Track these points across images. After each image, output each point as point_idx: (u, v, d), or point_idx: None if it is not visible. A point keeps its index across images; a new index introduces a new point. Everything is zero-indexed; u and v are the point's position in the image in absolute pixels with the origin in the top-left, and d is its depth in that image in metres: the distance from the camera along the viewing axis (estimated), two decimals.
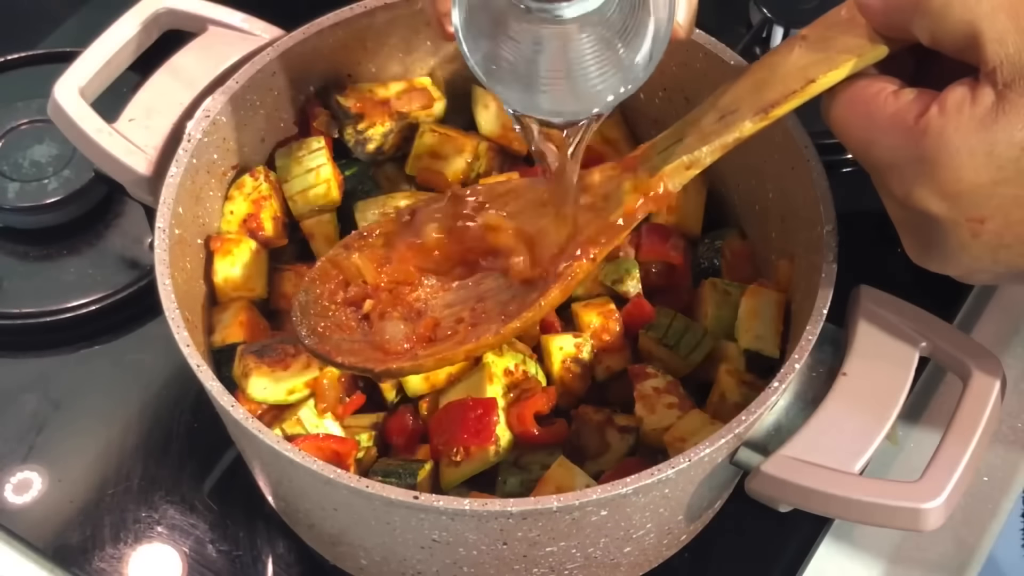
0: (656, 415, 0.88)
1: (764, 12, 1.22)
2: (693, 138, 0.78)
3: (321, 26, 0.96)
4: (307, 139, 0.98)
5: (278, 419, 0.87)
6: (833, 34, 0.74)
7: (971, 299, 1.11)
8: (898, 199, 0.71)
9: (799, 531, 0.96)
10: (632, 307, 0.94)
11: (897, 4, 0.70)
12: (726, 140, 0.77)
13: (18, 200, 1.10)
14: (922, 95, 0.69)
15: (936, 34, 0.68)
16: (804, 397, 0.82)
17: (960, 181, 0.67)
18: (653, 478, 0.74)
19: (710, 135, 0.78)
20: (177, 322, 0.81)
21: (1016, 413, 1.05)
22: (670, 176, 0.79)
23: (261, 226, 0.96)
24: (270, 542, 0.96)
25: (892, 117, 0.70)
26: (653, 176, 0.79)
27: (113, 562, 0.95)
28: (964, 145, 0.66)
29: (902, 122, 0.69)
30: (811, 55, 0.75)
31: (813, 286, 0.82)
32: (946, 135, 0.67)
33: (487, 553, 0.79)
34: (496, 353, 0.89)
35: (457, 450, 0.86)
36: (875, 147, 0.71)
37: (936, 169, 0.68)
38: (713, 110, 0.78)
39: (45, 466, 1.00)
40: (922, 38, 0.70)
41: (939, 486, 0.77)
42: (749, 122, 0.76)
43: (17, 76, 1.20)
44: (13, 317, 1.06)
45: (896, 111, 0.70)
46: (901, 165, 0.70)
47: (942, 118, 0.67)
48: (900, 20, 0.70)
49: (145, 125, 0.92)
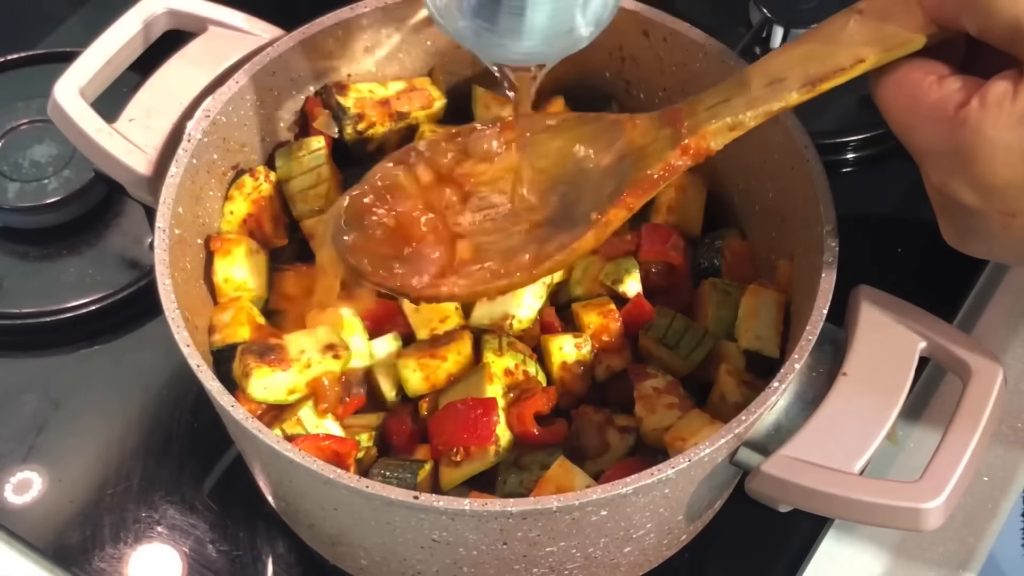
0: (656, 415, 0.88)
1: (764, 12, 1.22)
2: (739, 100, 0.78)
3: (321, 26, 0.96)
4: (307, 139, 0.98)
5: (278, 419, 0.87)
6: (888, 13, 0.74)
7: (971, 299, 1.11)
8: (935, 185, 0.72)
9: (799, 531, 0.96)
10: (632, 307, 0.94)
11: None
12: (771, 108, 0.77)
13: (18, 200, 1.10)
14: (967, 85, 0.70)
15: (984, 26, 0.69)
16: (804, 397, 0.82)
17: (994, 176, 0.68)
18: (653, 478, 0.74)
19: (756, 100, 0.77)
20: (177, 322, 0.81)
21: (1016, 413, 1.05)
22: (713, 135, 0.79)
23: (261, 226, 0.96)
24: (270, 542, 0.96)
25: (934, 105, 0.70)
26: (695, 133, 0.79)
27: (113, 562, 0.95)
28: (1000, 140, 0.67)
29: (943, 111, 0.70)
30: (864, 32, 0.74)
31: (813, 286, 0.82)
32: (983, 129, 0.67)
33: (487, 553, 0.79)
34: (496, 353, 0.89)
35: (457, 450, 0.86)
36: (916, 133, 0.72)
37: (971, 162, 0.68)
38: (762, 74, 0.78)
39: (45, 466, 1.00)
40: (971, 29, 0.70)
41: (939, 486, 0.77)
42: (796, 93, 0.76)
43: (17, 76, 1.20)
44: (13, 317, 1.06)
45: (939, 99, 0.70)
46: (939, 153, 0.70)
47: (982, 111, 0.67)
48: (951, 11, 0.71)
49: (145, 125, 0.92)
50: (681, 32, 0.95)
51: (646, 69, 1.00)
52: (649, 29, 0.97)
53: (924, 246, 1.12)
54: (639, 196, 0.81)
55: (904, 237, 1.13)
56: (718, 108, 0.79)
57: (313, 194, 0.97)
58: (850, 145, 1.18)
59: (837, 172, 1.18)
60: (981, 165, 0.68)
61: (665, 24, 0.96)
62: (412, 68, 1.03)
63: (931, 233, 0.75)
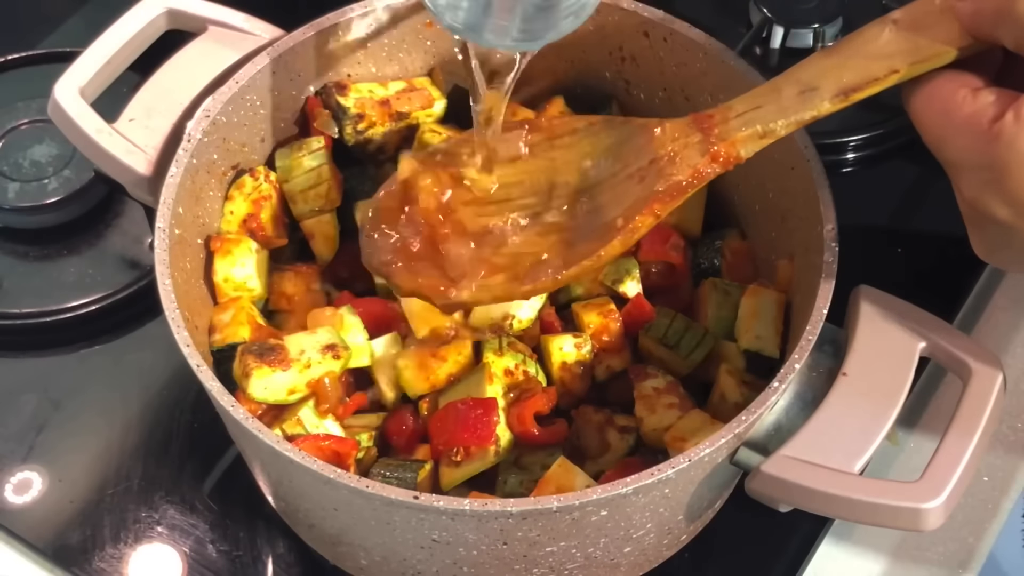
0: (656, 415, 0.88)
1: (764, 12, 1.22)
2: (771, 108, 0.78)
3: (321, 26, 0.96)
4: (307, 139, 0.98)
5: (278, 419, 0.87)
6: (924, 24, 0.73)
7: (971, 299, 1.11)
8: (966, 199, 0.71)
9: (799, 531, 0.96)
10: (632, 307, 0.94)
11: (985, 9, 0.70)
12: (803, 117, 0.77)
13: (18, 200, 1.10)
14: (1001, 98, 0.69)
15: (1021, 40, 0.68)
16: (804, 397, 0.82)
17: None
18: (653, 478, 0.74)
19: (788, 109, 0.77)
20: (177, 322, 0.81)
21: (1016, 413, 1.05)
22: (743, 143, 0.78)
23: (261, 226, 0.96)
24: (270, 542, 0.96)
25: (967, 118, 0.69)
26: (726, 140, 0.79)
27: (113, 562, 0.95)
28: None
29: (976, 125, 0.69)
30: (899, 43, 0.74)
31: (813, 286, 0.82)
32: (1017, 144, 0.66)
33: (487, 553, 0.79)
34: (496, 353, 0.90)
35: (457, 450, 0.86)
36: (948, 145, 0.71)
37: (1004, 177, 0.67)
38: (794, 82, 0.77)
39: (45, 466, 1.00)
40: (1007, 42, 0.69)
41: (939, 486, 0.77)
42: (828, 103, 0.76)
43: (17, 76, 1.20)
44: (13, 317, 1.06)
45: (972, 112, 0.69)
46: (971, 167, 0.69)
47: (1016, 126, 0.66)
48: (988, 23, 0.70)
49: (145, 125, 0.92)
50: (681, 32, 0.95)
51: (646, 69, 1.00)
52: (649, 29, 0.97)
53: (924, 246, 1.12)
54: (667, 203, 0.80)
55: (904, 237, 1.13)
56: (749, 116, 0.78)
57: (313, 194, 0.97)
58: (850, 145, 1.18)
59: (837, 172, 1.18)
60: (1015, 180, 0.67)
61: (665, 24, 0.96)
62: (412, 68, 1.03)
63: (931, 233, 0.75)
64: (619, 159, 0.83)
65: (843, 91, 0.75)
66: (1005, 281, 1.12)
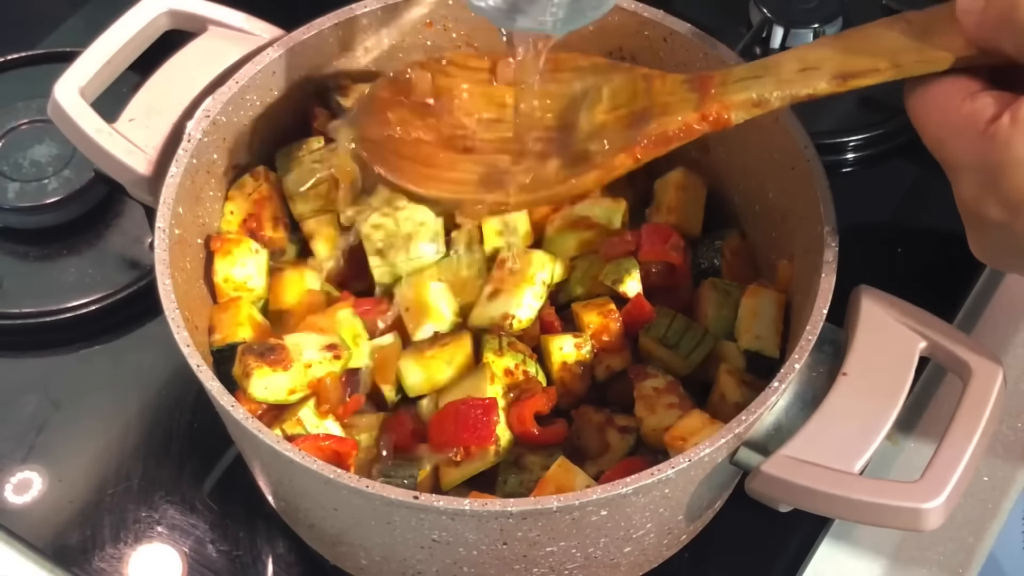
0: (656, 415, 0.88)
1: (764, 12, 1.22)
2: (770, 79, 0.78)
3: (321, 26, 0.96)
4: (307, 139, 0.98)
5: (278, 419, 0.87)
6: (934, 27, 0.74)
7: (971, 299, 1.11)
8: (964, 200, 0.72)
9: (799, 531, 0.96)
10: (632, 307, 0.94)
11: (989, 20, 0.71)
12: (798, 93, 0.77)
13: (18, 200, 1.10)
14: (999, 100, 0.70)
15: (1021, 48, 0.69)
16: (804, 397, 0.82)
17: (1022, 192, 0.68)
18: (653, 478, 0.74)
19: (785, 83, 0.77)
20: (177, 322, 0.81)
21: (1016, 413, 1.05)
22: (736, 107, 0.79)
23: (261, 226, 0.96)
24: (270, 542, 0.96)
25: (965, 120, 0.70)
26: (719, 101, 0.79)
27: (113, 562, 0.95)
28: None
29: (973, 126, 0.70)
30: (907, 40, 0.75)
31: (813, 286, 0.82)
32: (1013, 145, 0.67)
33: (487, 553, 0.79)
34: (496, 353, 0.90)
35: (457, 450, 0.86)
36: (946, 147, 0.72)
37: (999, 178, 0.68)
38: (798, 60, 0.78)
39: (45, 466, 1.00)
40: (1008, 50, 0.70)
41: (939, 486, 0.77)
42: (825, 83, 0.76)
43: (17, 76, 1.20)
44: (13, 317, 1.06)
45: (970, 114, 0.70)
46: (969, 168, 0.70)
47: (1012, 127, 0.67)
48: (990, 33, 0.71)
49: (145, 125, 0.92)
50: (681, 32, 0.95)
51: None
52: (649, 29, 0.97)
53: (924, 246, 1.12)
54: (649, 150, 0.80)
55: (904, 237, 1.13)
56: (748, 82, 0.79)
57: (313, 194, 0.97)
58: (850, 145, 1.18)
59: (837, 172, 1.18)
60: (1010, 180, 0.68)
61: (665, 24, 0.96)
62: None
63: (931, 233, 0.75)
64: (614, 101, 0.84)
65: (843, 75, 0.76)
66: (1005, 281, 1.12)
